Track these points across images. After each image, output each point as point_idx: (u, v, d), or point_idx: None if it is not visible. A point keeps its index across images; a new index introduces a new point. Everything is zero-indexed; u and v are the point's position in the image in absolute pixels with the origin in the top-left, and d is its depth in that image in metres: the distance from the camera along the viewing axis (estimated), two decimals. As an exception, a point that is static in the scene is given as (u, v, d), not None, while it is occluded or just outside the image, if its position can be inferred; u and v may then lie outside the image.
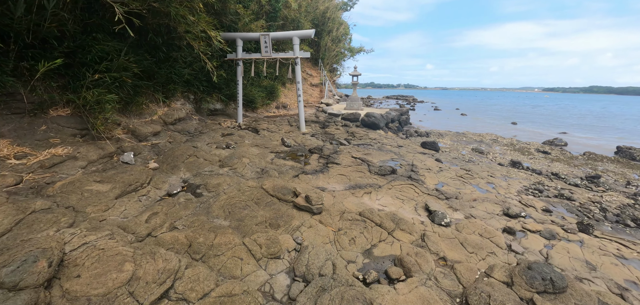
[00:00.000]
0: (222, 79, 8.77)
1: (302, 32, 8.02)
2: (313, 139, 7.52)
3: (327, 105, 12.52)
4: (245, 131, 7.59)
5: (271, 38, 7.96)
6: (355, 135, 8.58)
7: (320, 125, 9.45)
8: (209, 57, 7.29)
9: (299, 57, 8.04)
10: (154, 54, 6.00)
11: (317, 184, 4.26)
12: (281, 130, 8.26)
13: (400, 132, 10.86)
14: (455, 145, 10.05)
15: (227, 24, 8.43)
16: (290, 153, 5.93)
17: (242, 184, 3.67)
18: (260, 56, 8.17)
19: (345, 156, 5.82)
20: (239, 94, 8.49)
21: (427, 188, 4.77)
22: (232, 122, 8.54)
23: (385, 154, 6.69)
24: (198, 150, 4.92)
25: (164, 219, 2.71)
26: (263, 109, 11.04)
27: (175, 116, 6.39)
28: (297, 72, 8.15)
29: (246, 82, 10.14)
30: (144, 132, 5.16)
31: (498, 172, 6.88)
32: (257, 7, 10.04)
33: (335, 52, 20.08)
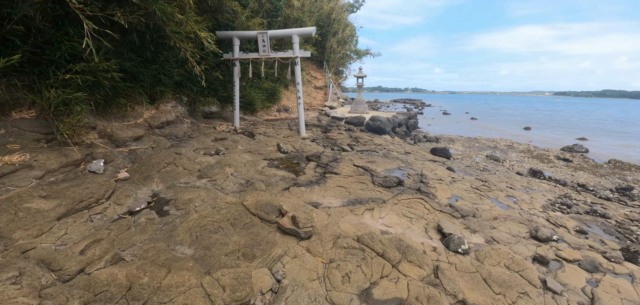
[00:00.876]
0: (218, 80, 8.30)
1: (302, 30, 7.49)
2: (313, 145, 6.94)
3: (330, 108, 11.95)
4: (240, 136, 7.06)
5: (270, 36, 7.46)
6: (359, 140, 7.98)
7: (322, 129, 8.89)
8: (201, 58, 6.83)
9: (298, 56, 7.51)
10: (140, 53, 5.54)
11: (310, 199, 3.67)
12: (279, 134, 7.72)
13: (408, 137, 10.21)
14: (468, 152, 9.33)
15: (224, 22, 7.97)
16: (286, 160, 5.37)
17: (220, 199, 3.12)
18: (258, 56, 7.67)
19: (346, 165, 5.22)
20: (235, 96, 7.99)
21: (439, 203, 4.14)
22: (228, 126, 8.04)
23: (391, 162, 6.06)
24: (180, 158, 4.39)
25: (108, 248, 2.17)
26: (263, 112, 10.53)
27: (163, 119, 5.90)
28: (297, 73, 7.61)
29: (245, 83, 9.66)
30: (122, 136, 4.67)
31: (518, 183, 6.18)
32: (257, 4, 9.57)
33: (341, 54, 19.51)
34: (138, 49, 5.47)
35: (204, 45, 6.02)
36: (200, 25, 5.37)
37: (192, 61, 5.64)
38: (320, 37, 17.02)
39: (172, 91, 6.82)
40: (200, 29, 5.29)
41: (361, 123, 9.24)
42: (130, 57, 5.16)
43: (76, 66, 4.06)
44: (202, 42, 6.18)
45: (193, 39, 5.87)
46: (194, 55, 5.82)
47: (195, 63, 5.69)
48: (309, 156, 5.53)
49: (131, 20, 4.50)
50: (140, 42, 5.31)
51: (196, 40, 5.29)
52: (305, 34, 7.54)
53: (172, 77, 6.26)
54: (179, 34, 5.43)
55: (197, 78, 7.29)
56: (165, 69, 6.15)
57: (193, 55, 5.80)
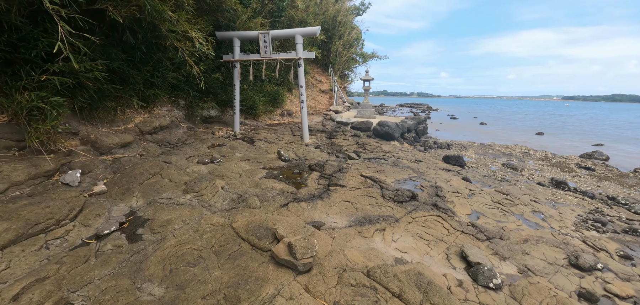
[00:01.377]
0: (217, 82, 7.92)
1: (305, 30, 7.07)
2: (317, 152, 6.47)
3: (335, 112, 11.49)
4: (240, 142, 6.63)
5: (271, 37, 7.05)
6: (366, 147, 7.49)
7: (327, 135, 8.42)
8: (200, 59, 6.44)
9: (302, 57, 7.08)
10: (132, 54, 5.16)
11: (311, 217, 3.19)
12: (281, 140, 7.27)
13: (418, 144, 9.68)
14: (483, 160, 8.77)
15: (224, 22, 7.59)
16: (286, 170, 4.90)
17: (205, 220, 2.66)
18: (259, 57, 7.26)
19: (352, 175, 4.73)
20: (235, 99, 7.58)
21: (460, 222, 3.62)
22: (227, 131, 7.63)
23: (402, 171, 5.56)
24: (168, 167, 3.96)
25: (52, 289, 1.72)
26: (265, 117, 10.12)
27: (156, 124, 5.50)
28: (300, 75, 7.17)
29: (246, 86, 9.26)
30: (108, 143, 4.26)
31: (541, 196, 5.62)
32: (259, 5, 9.19)
33: (347, 57, 19.10)
34: (130, 49, 5.09)
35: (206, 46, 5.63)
36: (192, 25, 4.95)
37: (190, 62, 5.24)
38: (325, 39, 16.62)
39: (167, 94, 6.43)
40: (192, 28, 4.88)
41: (368, 128, 8.75)
42: (119, 57, 4.77)
43: (54, 66, 3.66)
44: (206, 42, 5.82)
45: (191, 39, 5.49)
46: (191, 55, 5.43)
47: (193, 64, 5.29)
48: (312, 165, 5.05)
49: (123, 15, 4.12)
50: (133, 42, 4.93)
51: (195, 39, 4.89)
52: (309, 34, 7.12)
53: (166, 80, 5.86)
54: (175, 33, 5.04)
55: (195, 80, 6.91)
56: (160, 70, 5.76)
57: (191, 55, 5.41)
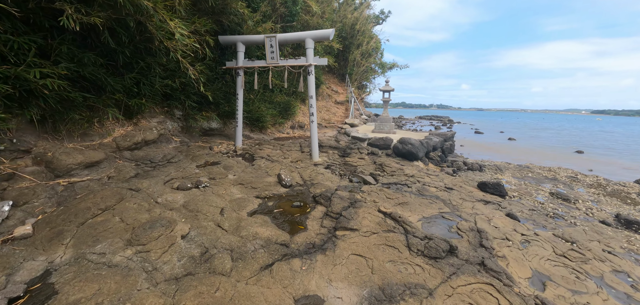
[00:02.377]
0: (221, 92, 7.17)
1: (317, 33, 6.19)
2: (326, 174, 5.50)
3: (351, 126, 10.50)
4: (238, 159, 5.77)
5: (279, 41, 6.23)
6: (386, 168, 6.42)
7: (340, 152, 7.44)
8: (195, 59, 5.69)
9: (312, 64, 6.19)
10: (113, 58, 4.45)
11: (305, 288, 2.19)
12: (287, 158, 6.35)
13: (445, 164, 8.48)
14: (524, 186, 7.43)
15: (229, 26, 6.87)
16: (285, 201, 3.94)
17: (133, 302, 1.73)
18: (264, 64, 6.45)
19: (368, 211, 3.70)
20: (238, 110, 6.78)
21: (521, 294, 2.50)
22: (228, 145, 6.82)
23: (431, 204, 4.46)
24: (131, 198, 3.11)
25: None
26: (274, 129, 9.29)
27: (139, 138, 4.73)
28: (309, 84, 6.27)
29: (254, 96, 8.49)
30: (66, 163, 3.49)
31: (614, 242, 4.34)
32: (270, 8, 8.46)
33: (365, 67, 18.15)
34: (110, 52, 4.38)
35: (200, 47, 4.87)
36: (174, 16, 4.17)
37: (184, 63, 4.46)
38: (343, 48, 15.77)
39: (157, 104, 5.71)
40: (172, 17, 4.09)
41: (387, 146, 7.69)
42: (94, 61, 4.05)
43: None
44: (201, 44, 5.07)
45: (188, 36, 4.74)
46: (186, 55, 4.67)
47: (188, 64, 4.50)
48: (318, 196, 4.05)
49: (85, 22, 3.39)
50: (113, 45, 4.22)
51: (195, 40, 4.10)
52: (321, 38, 6.23)
53: (155, 87, 5.12)
54: (164, 31, 4.29)
55: (192, 89, 6.17)
56: (148, 78, 5.03)
57: (185, 55, 4.65)
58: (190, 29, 5.04)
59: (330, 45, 11.97)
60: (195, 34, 5.07)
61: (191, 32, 5.07)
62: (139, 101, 4.82)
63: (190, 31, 5.08)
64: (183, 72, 5.80)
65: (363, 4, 18.89)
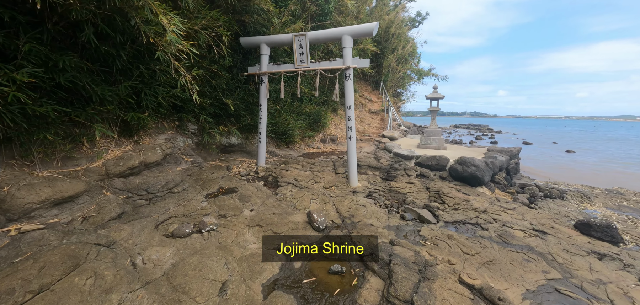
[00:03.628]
0: (242, 102, 6.20)
1: (357, 28, 5.01)
2: (369, 206, 4.24)
3: (391, 139, 9.14)
4: (259, 185, 4.69)
5: (310, 40, 5.13)
6: (444, 197, 4.99)
7: (383, 173, 6.12)
8: (210, 62, 4.75)
9: (351, 66, 5.00)
10: (108, 63, 3.57)
11: None
12: (318, 182, 5.16)
13: (513, 188, 6.81)
14: (632, 224, 5.58)
15: (253, 26, 5.91)
16: (319, 260, 2.71)
17: None
18: (292, 69, 5.37)
19: (446, 286, 2.37)
20: (261, 123, 5.74)
21: None
22: (249, 165, 5.79)
23: (527, 262, 3.04)
24: (95, 260, 2.08)
25: None
26: (303, 143, 8.19)
27: (136, 161, 3.79)
28: (347, 91, 5.07)
29: (280, 107, 7.45)
30: (25, 201, 2.57)
31: None
32: (299, 7, 7.45)
33: (401, 73, 16.64)
34: (102, 56, 3.50)
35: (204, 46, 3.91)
36: (170, 10, 3.18)
37: (178, 66, 3.46)
38: (379, 52, 14.46)
39: (167, 118, 4.82)
40: (166, 9, 3.09)
41: (442, 166, 6.24)
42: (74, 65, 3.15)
43: None
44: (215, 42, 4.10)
45: (192, 37, 3.78)
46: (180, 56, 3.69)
47: (182, 69, 3.50)
48: (367, 254, 2.78)
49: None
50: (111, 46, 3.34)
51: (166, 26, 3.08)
52: (362, 34, 5.03)
53: (157, 97, 4.19)
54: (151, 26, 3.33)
55: (209, 99, 5.25)
56: (151, 87, 4.12)
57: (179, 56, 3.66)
58: (200, 25, 4.08)
59: (365, 48, 10.77)
60: (206, 30, 4.09)
61: (201, 29, 4.11)
62: (139, 115, 3.90)
63: (201, 27, 4.12)
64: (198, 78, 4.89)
65: (398, 6, 17.52)
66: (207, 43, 4.27)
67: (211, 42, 4.30)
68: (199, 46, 4.30)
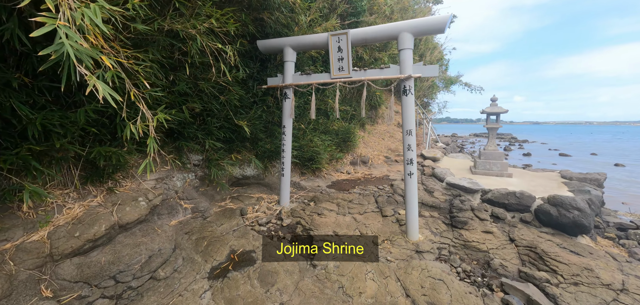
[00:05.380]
0: (259, 122, 4.87)
1: (421, 23, 3.62)
2: (453, 283, 2.80)
3: (433, 160, 7.64)
4: (284, 244, 3.29)
5: (352, 40, 3.77)
6: (548, 260, 3.46)
7: (444, 215, 4.64)
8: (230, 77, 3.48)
9: (412, 76, 3.59)
10: (56, 77, 2.30)
11: None
12: (366, 227, 3.73)
13: (612, 232, 5.18)
14: None
15: (272, 26, 4.61)
16: None
17: None
18: (328, 79, 4.01)
19: None
20: (285, 150, 4.39)
21: None
22: (270, 203, 4.42)
23: None
24: None
25: None
26: (331, 168, 6.78)
27: (104, 226, 2.46)
28: (407, 110, 3.66)
29: (304, 126, 6.09)
30: None
31: None
32: (327, 5, 6.12)
33: (430, 82, 15.13)
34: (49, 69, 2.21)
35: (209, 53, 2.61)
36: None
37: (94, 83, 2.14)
38: (419, 58, 13.02)
39: (160, 149, 3.51)
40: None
41: (525, 207, 4.66)
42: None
43: None
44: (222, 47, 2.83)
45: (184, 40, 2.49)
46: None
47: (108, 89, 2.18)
48: None
49: None
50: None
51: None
52: (428, 30, 3.63)
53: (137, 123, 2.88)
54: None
55: (217, 119, 3.94)
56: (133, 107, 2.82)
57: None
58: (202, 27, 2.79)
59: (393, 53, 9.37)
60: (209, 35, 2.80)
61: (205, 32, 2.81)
62: (111, 151, 2.59)
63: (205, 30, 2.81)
64: (203, 94, 3.58)
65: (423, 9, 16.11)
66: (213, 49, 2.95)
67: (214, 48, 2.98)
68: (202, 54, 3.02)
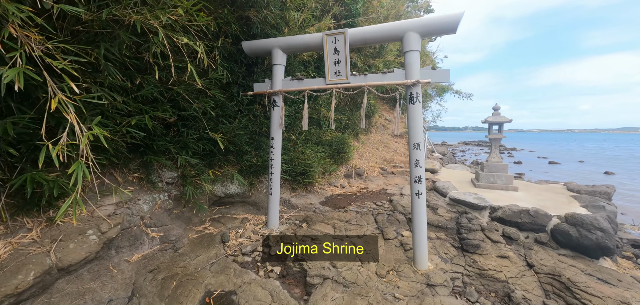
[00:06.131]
0: (244, 133, 4.31)
1: (429, 20, 3.17)
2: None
3: (432, 172, 7.22)
4: (272, 286, 2.73)
5: (351, 40, 3.30)
6: (576, 291, 3.01)
7: (452, 235, 4.17)
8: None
9: (420, 81, 3.13)
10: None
11: None
12: (367, 253, 3.20)
13: (629, 251, 4.82)
14: None
15: (261, 26, 4.11)
16: None
17: None
18: (323, 85, 3.52)
19: None
20: (273, 165, 3.84)
21: None
22: (257, 226, 3.85)
23: None
24: None
25: None
26: (324, 182, 6.25)
27: (33, 275, 1.86)
28: (414, 120, 3.20)
29: (294, 137, 5.57)
30: None
31: None
32: (319, 7, 5.67)
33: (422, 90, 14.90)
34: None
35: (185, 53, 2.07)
36: None
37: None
38: (399, 67, 12.73)
39: (120, 166, 2.93)
40: None
41: (540, 226, 4.23)
42: None
43: None
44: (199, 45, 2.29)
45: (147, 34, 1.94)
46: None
47: None
48: None
49: None
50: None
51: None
52: (438, 29, 3.19)
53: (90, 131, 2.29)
54: None
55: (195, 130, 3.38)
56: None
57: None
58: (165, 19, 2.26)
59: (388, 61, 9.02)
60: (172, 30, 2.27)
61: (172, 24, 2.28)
62: (42, 176, 1.99)
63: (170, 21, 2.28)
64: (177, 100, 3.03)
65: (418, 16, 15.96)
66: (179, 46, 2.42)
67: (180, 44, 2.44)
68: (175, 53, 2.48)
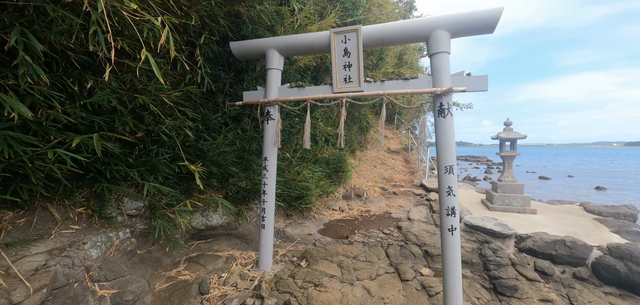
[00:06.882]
0: (230, 151, 3.58)
1: (462, 16, 2.59)
2: None
3: (437, 192, 6.67)
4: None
5: (365, 41, 2.69)
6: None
7: (479, 271, 3.53)
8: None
9: (453, 89, 2.52)
10: None
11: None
12: (385, 303, 2.48)
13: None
14: None
15: (252, 25, 3.46)
16: None
17: None
18: (329, 93, 2.87)
19: None
20: (267, 192, 3.12)
21: None
22: (245, 266, 3.07)
23: None
24: None
25: None
26: (321, 204, 5.53)
27: None
28: (445, 137, 2.57)
29: (289, 155, 4.87)
30: None
31: None
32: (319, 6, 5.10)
33: (417, 104, 14.56)
34: None
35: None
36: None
37: None
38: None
39: (58, 197, 2.14)
40: None
41: (578, 259, 3.62)
42: None
43: None
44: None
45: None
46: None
47: None
48: None
49: None
50: None
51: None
52: (473, 27, 2.60)
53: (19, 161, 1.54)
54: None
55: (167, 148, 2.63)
56: None
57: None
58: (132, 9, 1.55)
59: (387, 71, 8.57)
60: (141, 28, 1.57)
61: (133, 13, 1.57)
62: None
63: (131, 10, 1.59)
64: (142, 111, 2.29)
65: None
66: (132, 21, 1.73)
67: (135, 20, 1.76)
68: (136, 47, 1.79)
